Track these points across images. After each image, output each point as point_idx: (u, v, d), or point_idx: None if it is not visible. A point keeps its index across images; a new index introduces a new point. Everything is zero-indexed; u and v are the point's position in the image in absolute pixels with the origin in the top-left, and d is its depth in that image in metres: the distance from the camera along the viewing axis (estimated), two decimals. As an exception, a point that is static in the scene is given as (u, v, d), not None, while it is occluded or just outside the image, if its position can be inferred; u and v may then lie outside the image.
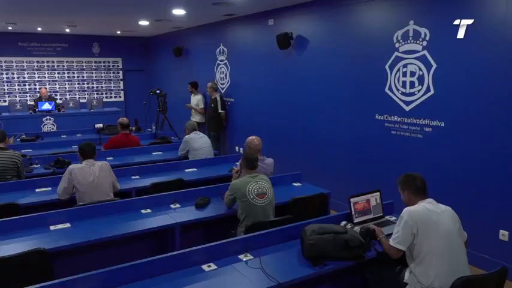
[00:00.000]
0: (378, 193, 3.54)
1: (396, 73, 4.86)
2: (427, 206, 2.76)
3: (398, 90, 4.87)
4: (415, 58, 4.63)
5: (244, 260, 2.81)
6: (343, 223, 3.27)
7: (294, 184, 4.61)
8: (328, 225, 2.98)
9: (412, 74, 4.68)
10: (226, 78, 8.47)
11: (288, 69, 6.68)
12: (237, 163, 4.40)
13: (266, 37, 7.02)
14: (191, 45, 9.83)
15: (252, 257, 2.82)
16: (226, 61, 8.44)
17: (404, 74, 4.77)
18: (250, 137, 4.47)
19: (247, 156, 3.75)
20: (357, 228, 3.09)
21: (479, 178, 4.17)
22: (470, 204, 4.20)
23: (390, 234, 2.86)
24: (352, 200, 3.38)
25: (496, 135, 4.01)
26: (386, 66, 4.96)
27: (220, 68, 8.64)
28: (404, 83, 4.79)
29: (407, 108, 4.80)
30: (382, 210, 3.55)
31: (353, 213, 3.36)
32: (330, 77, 5.89)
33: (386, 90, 5.00)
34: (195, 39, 9.69)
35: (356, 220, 3.35)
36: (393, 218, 3.49)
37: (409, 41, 4.68)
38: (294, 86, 6.60)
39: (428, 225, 2.67)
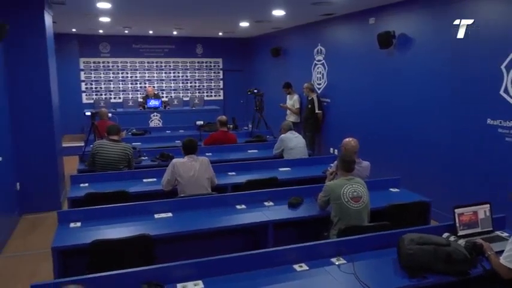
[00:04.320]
0: (488, 205, 3.22)
1: (514, 74, 4.39)
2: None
3: (516, 92, 4.40)
4: (539, 57, 4.14)
5: (336, 263, 2.75)
6: (445, 235, 3.04)
7: (391, 189, 4.40)
8: (428, 235, 2.80)
9: (534, 74, 4.19)
10: (323, 79, 8.39)
11: (389, 69, 6.40)
12: (332, 164, 4.33)
13: (366, 36, 6.81)
14: (289, 46, 9.91)
15: (344, 262, 2.76)
16: (323, 61, 8.35)
17: (524, 75, 4.29)
18: (347, 139, 4.35)
19: (345, 158, 3.65)
20: (461, 242, 2.85)
21: None
22: None
23: (501, 252, 2.59)
24: (457, 210, 3.13)
25: None
26: (502, 67, 4.50)
27: (317, 68, 8.58)
28: (523, 84, 4.31)
29: (526, 113, 4.31)
30: (492, 224, 3.23)
31: (457, 225, 3.11)
32: (435, 77, 5.51)
33: (502, 92, 4.53)
34: (292, 39, 9.75)
35: (460, 233, 3.09)
36: (505, 234, 3.16)
37: (531, 38, 4.20)
38: (394, 87, 6.31)
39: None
